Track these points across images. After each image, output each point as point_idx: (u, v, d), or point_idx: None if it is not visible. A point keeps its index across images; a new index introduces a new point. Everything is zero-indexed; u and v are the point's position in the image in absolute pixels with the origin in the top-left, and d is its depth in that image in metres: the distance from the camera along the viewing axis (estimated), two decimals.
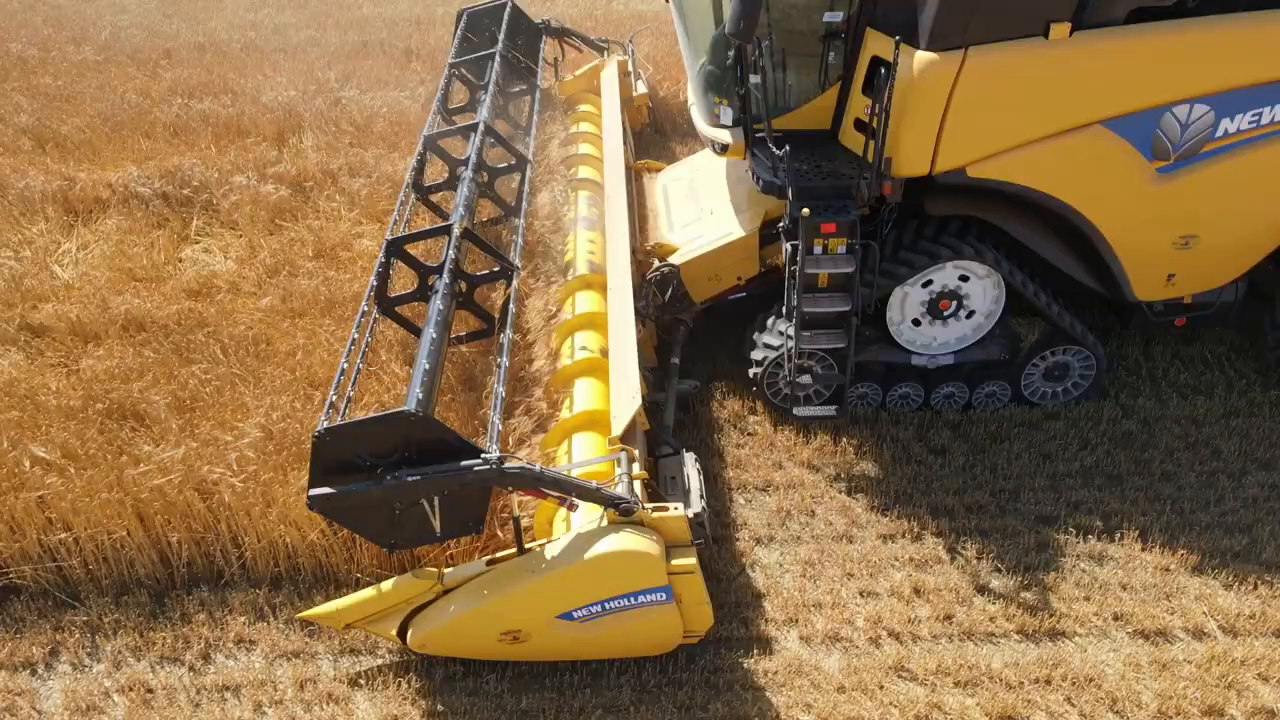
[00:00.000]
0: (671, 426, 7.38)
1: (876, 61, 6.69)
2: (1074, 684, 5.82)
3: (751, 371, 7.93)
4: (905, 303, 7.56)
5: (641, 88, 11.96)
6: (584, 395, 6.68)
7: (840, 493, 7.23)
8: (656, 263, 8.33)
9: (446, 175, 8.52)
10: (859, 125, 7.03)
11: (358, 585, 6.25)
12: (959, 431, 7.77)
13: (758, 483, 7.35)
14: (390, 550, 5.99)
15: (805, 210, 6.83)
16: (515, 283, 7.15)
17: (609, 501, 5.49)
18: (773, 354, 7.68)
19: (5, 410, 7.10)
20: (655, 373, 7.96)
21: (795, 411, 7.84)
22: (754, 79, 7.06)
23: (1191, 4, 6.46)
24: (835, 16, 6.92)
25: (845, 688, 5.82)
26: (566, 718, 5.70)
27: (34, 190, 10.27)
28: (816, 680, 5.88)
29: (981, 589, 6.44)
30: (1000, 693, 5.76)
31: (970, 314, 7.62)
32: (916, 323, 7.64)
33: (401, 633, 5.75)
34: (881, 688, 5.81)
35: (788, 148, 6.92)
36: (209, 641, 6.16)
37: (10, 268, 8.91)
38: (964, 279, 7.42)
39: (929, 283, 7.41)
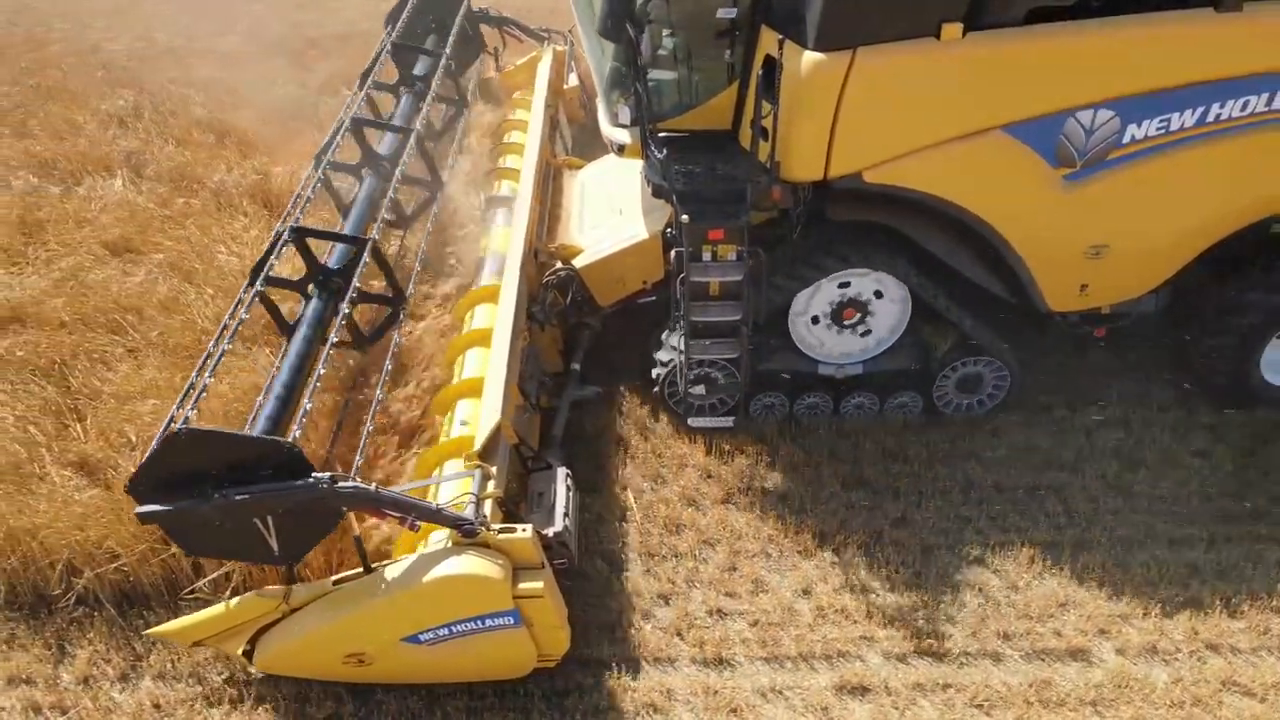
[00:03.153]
0: (560, 436, 7.06)
1: (770, 60, 6.29)
2: None
3: (654, 372, 7.70)
4: (808, 310, 7.35)
5: (574, 80, 11.56)
6: (465, 415, 6.36)
7: (1114, 495, 7.10)
8: (558, 264, 8.01)
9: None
10: (753, 126, 6.69)
11: None
12: (1216, 434, 7.61)
13: (1025, 485, 7.22)
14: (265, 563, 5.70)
15: (685, 216, 6.58)
16: (402, 315, 7.02)
17: (450, 522, 5.26)
18: (678, 356, 7.36)
19: None
20: (556, 378, 7.74)
21: (690, 422, 7.64)
22: (652, 76, 6.80)
23: (1095, 4, 6.08)
24: (729, 12, 6.60)
25: (1180, 703, 5.71)
26: None
27: (229, 185, 10.30)
28: (1147, 694, 5.77)
29: None
30: None
31: (877, 321, 7.44)
32: (824, 331, 7.46)
33: (248, 652, 5.62)
34: (1220, 703, 5.69)
35: (665, 151, 6.74)
36: None
37: (233, 265, 8.90)
38: (868, 287, 7.24)
39: (832, 290, 7.21)
